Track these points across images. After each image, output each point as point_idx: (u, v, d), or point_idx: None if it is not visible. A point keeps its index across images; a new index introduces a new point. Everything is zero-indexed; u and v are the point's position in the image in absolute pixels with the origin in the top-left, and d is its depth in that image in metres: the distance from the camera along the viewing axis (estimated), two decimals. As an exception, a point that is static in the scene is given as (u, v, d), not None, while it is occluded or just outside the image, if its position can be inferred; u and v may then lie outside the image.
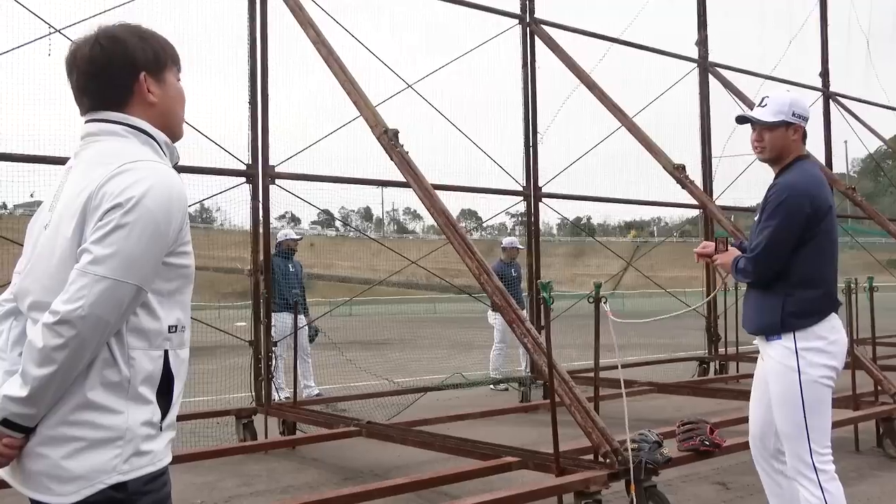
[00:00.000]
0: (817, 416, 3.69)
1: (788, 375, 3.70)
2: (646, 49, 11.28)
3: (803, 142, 3.94)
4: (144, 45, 2.06)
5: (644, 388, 8.73)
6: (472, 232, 64.54)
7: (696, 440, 5.37)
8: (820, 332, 3.72)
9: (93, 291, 1.78)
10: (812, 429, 3.67)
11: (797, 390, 3.67)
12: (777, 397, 3.77)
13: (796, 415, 3.68)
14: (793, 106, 3.86)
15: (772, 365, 3.80)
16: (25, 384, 1.79)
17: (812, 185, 3.79)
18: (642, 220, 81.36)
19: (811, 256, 3.75)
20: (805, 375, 3.67)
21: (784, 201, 3.72)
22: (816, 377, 3.69)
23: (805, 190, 3.74)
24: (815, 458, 3.67)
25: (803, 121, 3.90)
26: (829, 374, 3.73)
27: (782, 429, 3.79)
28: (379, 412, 8.33)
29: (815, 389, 3.69)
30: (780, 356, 3.75)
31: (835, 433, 6.76)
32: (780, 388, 3.75)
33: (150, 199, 1.86)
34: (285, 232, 10.91)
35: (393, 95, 8.46)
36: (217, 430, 7.81)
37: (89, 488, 1.82)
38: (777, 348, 3.76)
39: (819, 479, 3.65)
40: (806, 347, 3.69)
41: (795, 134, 3.87)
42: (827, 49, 14.05)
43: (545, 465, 5.10)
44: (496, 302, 5.66)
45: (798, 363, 3.68)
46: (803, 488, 3.70)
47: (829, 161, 13.81)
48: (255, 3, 7.76)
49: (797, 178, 3.80)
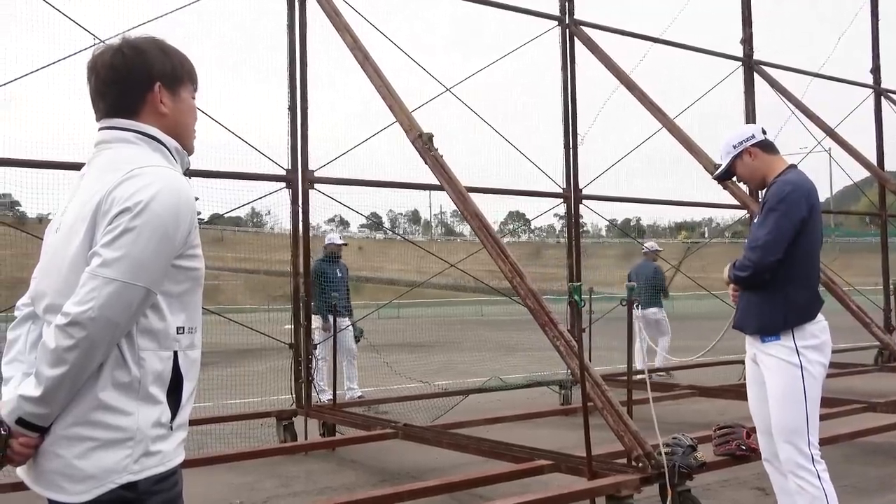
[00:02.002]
0: (815, 411, 3.91)
1: (792, 372, 3.89)
2: (688, 48, 11.14)
3: (770, 152, 4.20)
4: (164, 58, 2.13)
5: (685, 391, 8.62)
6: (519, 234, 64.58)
7: (732, 444, 5.29)
8: (814, 332, 3.93)
9: (102, 293, 1.83)
10: (811, 423, 3.88)
11: (800, 386, 3.87)
12: (778, 394, 3.94)
13: (799, 409, 3.88)
14: (728, 142, 4.24)
15: (773, 363, 3.97)
16: (39, 384, 1.85)
17: (808, 185, 4.01)
18: (693, 221, 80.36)
19: (804, 257, 3.94)
20: (807, 371, 3.88)
21: (787, 195, 3.92)
22: (815, 374, 3.90)
23: (804, 187, 3.97)
24: (814, 452, 3.88)
25: (747, 142, 4.19)
26: (823, 372, 3.97)
27: (784, 424, 3.94)
28: (420, 415, 8.37)
29: (814, 386, 3.89)
30: (781, 354, 3.93)
31: (881, 438, 6.68)
32: (783, 386, 3.92)
33: (159, 203, 1.91)
34: (331, 236, 11.01)
35: (431, 99, 8.51)
36: (259, 432, 7.94)
37: (100, 488, 1.87)
38: (776, 347, 3.95)
39: (818, 470, 3.85)
40: (805, 346, 3.91)
41: (751, 157, 4.18)
42: (878, 44, 13.69)
43: (577, 469, 5.08)
44: (529, 305, 5.65)
45: (800, 360, 3.88)
46: (802, 480, 3.87)
47: (882, 159, 13.46)
48: (293, 11, 7.88)
49: (796, 177, 4.05)
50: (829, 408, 6.64)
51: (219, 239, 58.25)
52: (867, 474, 6.19)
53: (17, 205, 22.11)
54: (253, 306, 37.58)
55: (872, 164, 12.72)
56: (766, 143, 4.21)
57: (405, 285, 16.06)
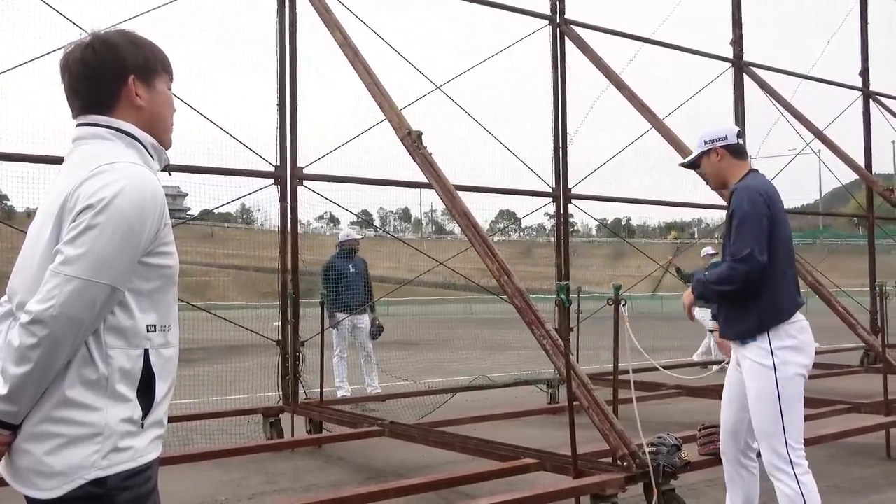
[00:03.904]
0: (792, 412, 3.92)
1: (765, 374, 3.92)
2: (678, 49, 11.16)
3: (737, 158, 4.24)
4: (136, 50, 2.11)
5: (672, 391, 8.65)
6: (509, 233, 64.63)
7: (716, 444, 5.28)
8: (790, 332, 3.95)
9: (63, 291, 1.82)
10: (787, 424, 3.90)
11: (773, 388, 3.90)
12: (754, 396, 3.98)
13: (773, 411, 3.90)
14: (702, 136, 4.28)
15: (748, 365, 4.01)
16: (5, 383, 1.84)
17: (766, 185, 4.09)
18: (683, 221, 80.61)
19: (772, 258, 3.94)
20: (780, 373, 3.91)
21: (746, 199, 3.97)
22: (791, 374, 3.92)
23: (757, 188, 4.02)
24: (791, 453, 3.88)
25: (717, 142, 4.23)
26: (801, 371, 3.97)
27: (760, 426, 3.98)
28: (407, 412, 8.37)
29: (790, 386, 3.92)
30: (756, 356, 3.97)
31: (865, 439, 6.72)
32: (758, 387, 3.95)
33: (123, 199, 1.89)
34: (345, 232, 11.03)
35: (422, 97, 8.50)
36: (246, 428, 7.92)
37: (70, 483, 1.86)
38: (753, 349, 3.99)
39: (795, 473, 3.86)
40: (780, 346, 3.93)
41: (717, 156, 4.23)
42: (867, 47, 13.75)
43: (563, 468, 5.09)
44: (516, 304, 5.65)
45: (774, 361, 3.91)
46: (779, 482, 3.91)
47: (870, 161, 13.51)
48: (283, 6, 7.86)
49: (748, 181, 4.11)
50: (814, 408, 6.68)
51: (208, 235, 58.11)
52: (851, 475, 6.22)
53: (5, 199, 21.98)
54: (241, 303, 37.52)
55: (860, 167, 12.78)
56: (736, 147, 4.24)
57: (395, 283, 15.97)
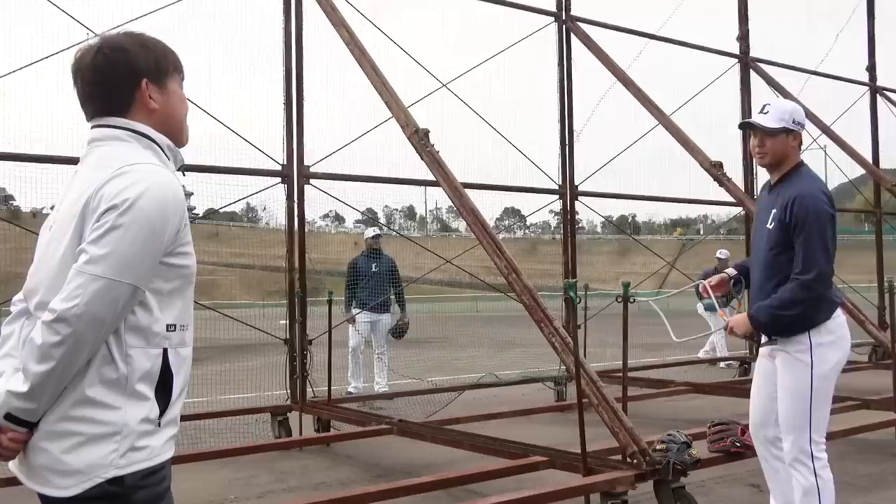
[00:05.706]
0: (820, 407, 3.92)
1: (802, 369, 3.89)
2: (684, 45, 11.15)
3: (799, 149, 4.15)
4: (146, 53, 2.11)
5: (681, 388, 8.64)
6: (515, 230, 64.50)
7: (726, 441, 5.30)
8: (830, 327, 3.92)
9: (88, 290, 1.84)
10: (815, 420, 3.90)
11: (808, 384, 3.88)
12: (787, 389, 3.96)
13: (803, 407, 3.90)
14: (794, 114, 4.05)
15: (785, 357, 3.97)
16: (26, 380, 1.85)
17: (825, 189, 4.01)
18: (688, 217, 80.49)
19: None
20: (817, 369, 3.88)
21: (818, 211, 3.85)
22: (826, 371, 3.92)
23: (822, 190, 3.96)
24: (814, 447, 3.91)
25: (802, 128, 4.12)
26: (837, 368, 3.96)
27: (787, 419, 3.98)
28: (415, 410, 8.37)
29: (824, 383, 3.92)
30: (794, 350, 3.93)
31: (874, 435, 6.70)
32: (792, 381, 3.93)
33: (146, 200, 1.91)
34: (368, 231, 11.19)
35: (428, 94, 8.49)
36: (254, 427, 7.92)
37: (87, 482, 1.88)
38: (792, 344, 3.94)
39: (814, 466, 3.89)
40: (820, 343, 3.89)
41: (795, 140, 4.07)
42: (874, 42, 13.72)
43: (572, 466, 5.09)
44: (525, 302, 5.64)
45: (812, 358, 3.87)
46: (798, 473, 3.94)
47: (877, 157, 13.49)
48: (290, 5, 7.86)
49: (813, 186, 3.97)
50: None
51: (214, 234, 58.15)
52: (861, 471, 6.20)
53: (11, 199, 22.04)
54: (248, 302, 37.53)
55: (868, 162, 12.74)
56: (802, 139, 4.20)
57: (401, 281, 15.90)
